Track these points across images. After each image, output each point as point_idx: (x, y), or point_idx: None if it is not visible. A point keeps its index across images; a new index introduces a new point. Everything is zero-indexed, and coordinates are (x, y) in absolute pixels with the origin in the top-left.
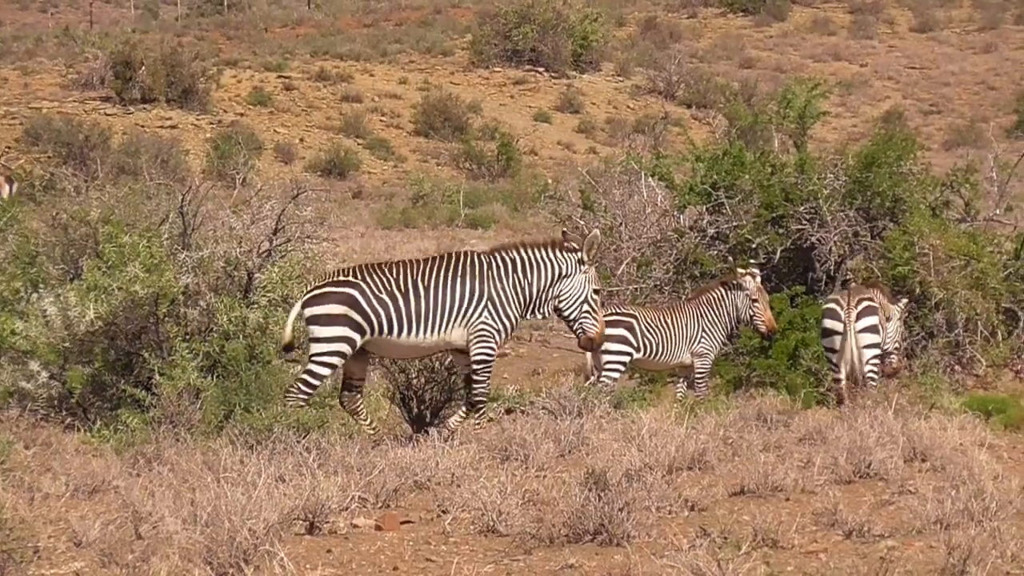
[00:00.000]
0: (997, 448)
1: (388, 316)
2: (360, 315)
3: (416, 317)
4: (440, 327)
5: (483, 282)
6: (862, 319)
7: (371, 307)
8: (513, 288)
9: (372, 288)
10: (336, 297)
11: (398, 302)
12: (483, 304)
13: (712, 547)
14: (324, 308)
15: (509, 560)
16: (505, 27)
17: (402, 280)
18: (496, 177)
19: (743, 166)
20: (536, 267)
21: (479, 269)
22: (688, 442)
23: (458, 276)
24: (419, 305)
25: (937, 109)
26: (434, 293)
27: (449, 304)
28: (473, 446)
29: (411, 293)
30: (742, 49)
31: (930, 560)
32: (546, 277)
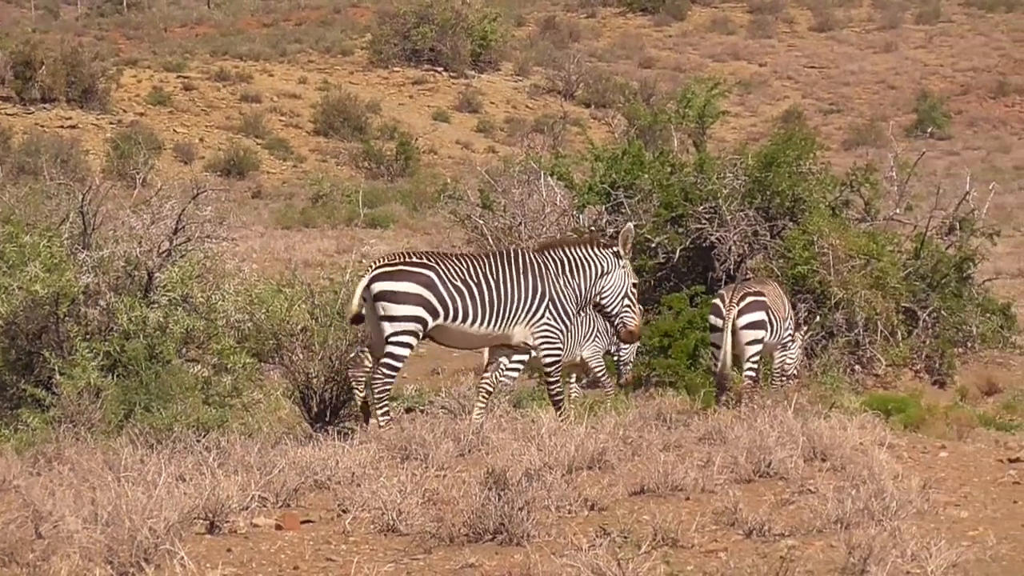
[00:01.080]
0: (897, 447)
1: (463, 304)
2: (436, 298)
3: (486, 309)
4: (506, 321)
5: (543, 280)
6: (744, 315)
7: (447, 292)
8: (566, 287)
9: (448, 274)
10: (413, 276)
11: (472, 291)
12: (545, 303)
13: (612, 546)
14: (399, 285)
15: (409, 559)
16: (404, 27)
17: (473, 271)
18: (395, 177)
19: (642, 166)
20: (580, 266)
21: (538, 268)
22: (588, 441)
23: (522, 273)
24: (490, 297)
25: (837, 108)
26: (504, 287)
27: (517, 300)
28: (373, 445)
29: (483, 285)
30: (641, 48)
31: (830, 559)
32: (590, 275)
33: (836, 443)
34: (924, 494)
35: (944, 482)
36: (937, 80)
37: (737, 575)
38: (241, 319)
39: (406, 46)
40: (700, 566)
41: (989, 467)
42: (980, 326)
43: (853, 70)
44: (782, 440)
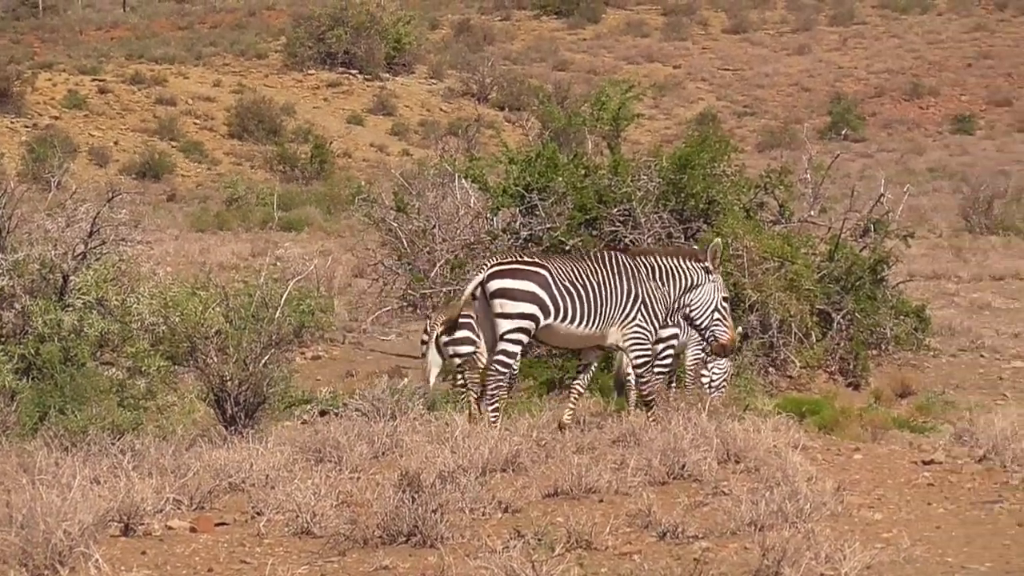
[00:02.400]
0: (811, 450)
1: (572, 304)
2: (549, 297)
3: (589, 310)
4: (604, 322)
5: (638, 284)
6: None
7: (559, 292)
8: (656, 292)
9: (558, 274)
10: (530, 275)
11: (579, 292)
12: (638, 305)
13: (526, 548)
14: (517, 283)
15: (324, 561)
16: (319, 30)
17: (577, 272)
18: (310, 180)
19: (556, 168)
20: (671, 275)
21: (633, 271)
22: (501, 444)
23: (619, 276)
24: (593, 299)
25: (751, 111)
26: (604, 289)
27: (614, 301)
28: (287, 448)
29: (588, 286)
30: (556, 51)
31: (744, 561)
32: (678, 286)
33: (750, 445)
34: (838, 496)
35: (858, 484)
36: (851, 82)
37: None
38: (156, 322)
39: (321, 49)
40: (614, 568)
41: (903, 469)
42: (894, 328)
43: (767, 72)
44: (696, 442)
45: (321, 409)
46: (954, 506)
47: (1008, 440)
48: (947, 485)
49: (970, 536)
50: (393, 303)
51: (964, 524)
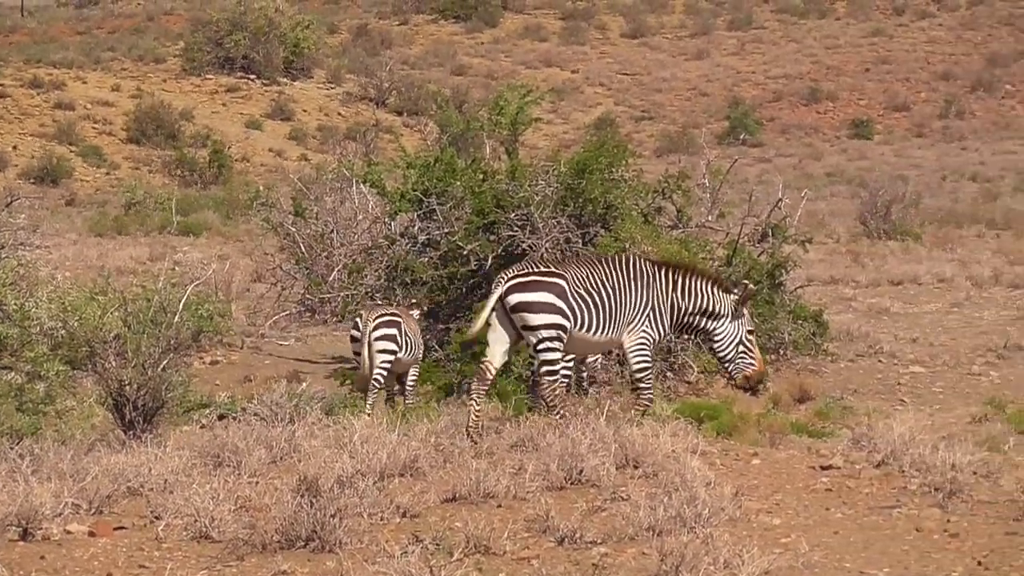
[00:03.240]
0: (709, 454)
1: (588, 313)
2: (567, 306)
3: (605, 318)
4: (617, 329)
5: (650, 291)
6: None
7: (575, 301)
8: (668, 303)
9: (574, 282)
10: (547, 286)
11: (594, 300)
12: (646, 312)
13: (424, 553)
14: (535, 296)
15: (222, 566)
16: (217, 34)
17: (593, 279)
18: (208, 184)
19: (454, 173)
20: (692, 294)
21: (649, 278)
22: (400, 449)
23: (632, 281)
24: (607, 306)
25: (649, 115)
26: (616, 295)
27: (625, 308)
28: (186, 452)
29: (603, 293)
30: (454, 56)
31: (643, 567)
32: (697, 306)
33: (648, 450)
34: (736, 501)
35: (756, 489)
36: (749, 87)
37: None
38: (54, 326)
39: (219, 53)
40: (512, 573)
41: (801, 474)
42: (792, 333)
43: (665, 77)
44: (594, 447)
45: (220, 414)
46: (852, 511)
47: (906, 445)
48: (845, 490)
49: (868, 541)
50: (291, 308)
51: (862, 529)
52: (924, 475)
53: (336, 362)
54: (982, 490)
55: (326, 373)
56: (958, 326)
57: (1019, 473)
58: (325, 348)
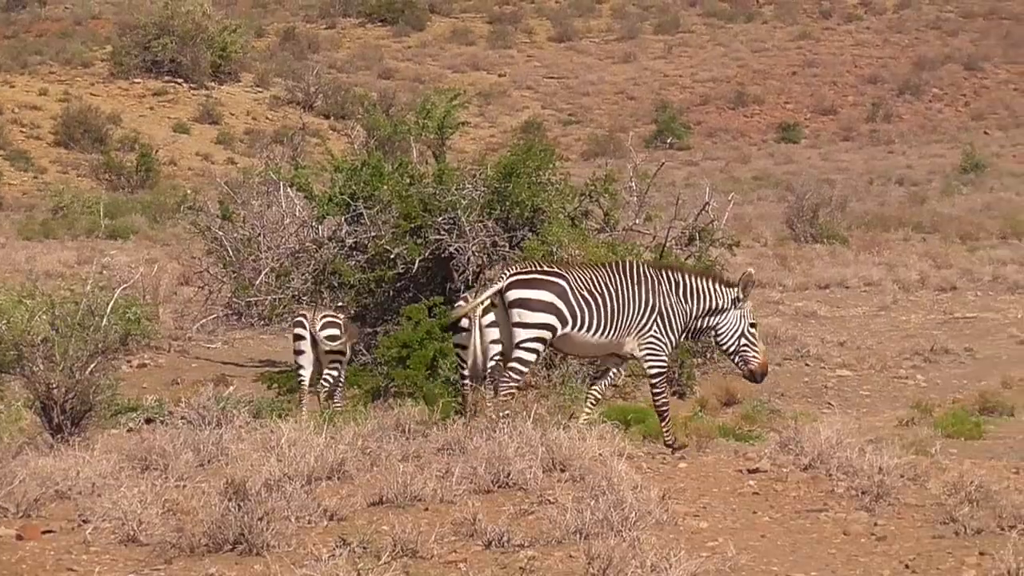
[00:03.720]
0: (636, 458)
1: (588, 314)
2: (566, 307)
3: (605, 319)
4: (618, 331)
5: (656, 295)
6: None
7: (576, 301)
8: (676, 306)
9: (576, 283)
10: (548, 285)
11: (597, 301)
12: (654, 316)
13: (352, 557)
14: (535, 293)
15: (150, 569)
16: (145, 38)
17: (596, 281)
18: (136, 188)
19: (382, 177)
20: (695, 294)
21: (652, 282)
22: (327, 452)
23: (637, 285)
24: (608, 308)
25: (576, 119)
26: (618, 298)
27: (628, 311)
28: (113, 456)
29: (605, 295)
30: (381, 59)
31: (570, 570)
32: (700, 306)
33: (575, 454)
34: (663, 505)
35: (683, 493)
36: (676, 91)
37: None
38: None
39: (147, 57)
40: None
41: (728, 478)
42: None
43: (592, 80)
44: (521, 451)
45: (147, 417)
46: (779, 515)
47: (833, 449)
48: (772, 494)
49: (796, 545)
50: (219, 311)
51: (789, 533)
52: (851, 479)
53: (263, 365)
54: (909, 494)
55: (253, 376)
56: (885, 330)
57: (946, 476)
58: (252, 351)
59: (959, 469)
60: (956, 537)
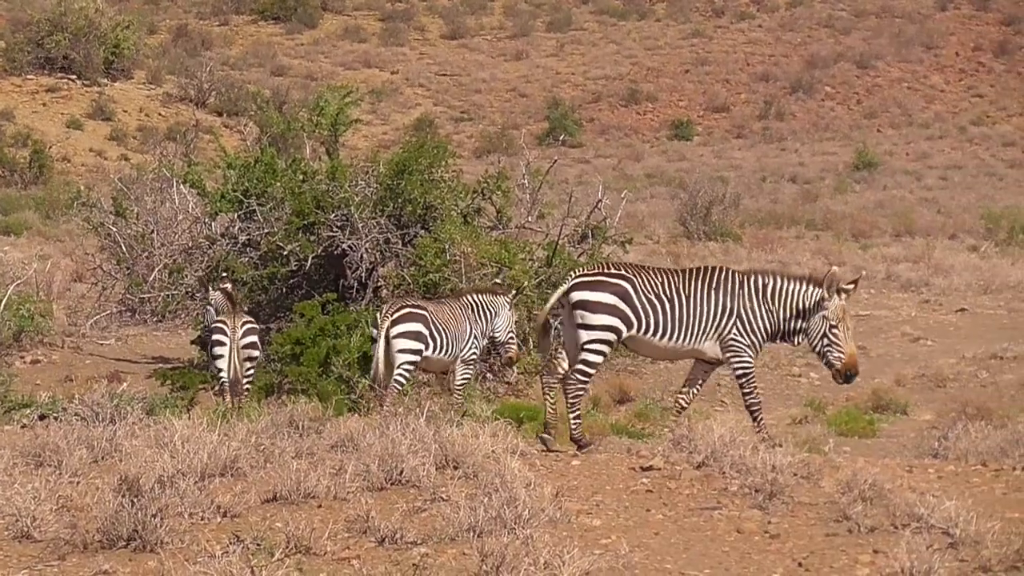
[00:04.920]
0: (529, 455)
1: (655, 317)
2: (631, 310)
3: (675, 323)
4: (693, 336)
5: (733, 299)
6: (398, 325)
7: (641, 304)
8: (758, 309)
9: (643, 286)
10: (611, 287)
11: (664, 306)
12: (732, 320)
13: (245, 553)
14: (597, 295)
15: (44, 566)
16: (38, 35)
17: (666, 285)
18: (28, 184)
19: (274, 173)
20: (780, 296)
21: (731, 286)
22: (220, 448)
23: (713, 290)
24: (679, 312)
25: (468, 116)
26: (692, 303)
27: (704, 316)
28: (7, 452)
29: (675, 300)
30: (273, 57)
31: (463, 567)
32: (789, 308)
33: (468, 451)
34: (556, 502)
35: (577, 490)
36: (568, 88)
37: None
38: None
39: (39, 54)
40: (333, 573)
41: (622, 475)
42: None
43: (484, 78)
44: (414, 448)
45: (40, 413)
46: (673, 512)
47: (726, 447)
48: (665, 491)
49: (689, 542)
50: (112, 307)
51: (682, 530)
52: (744, 476)
53: (156, 362)
54: (802, 491)
55: (147, 373)
56: None
57: (839, 475)
58: (145, 348)
59: (852, 467)
60: (849, 535)
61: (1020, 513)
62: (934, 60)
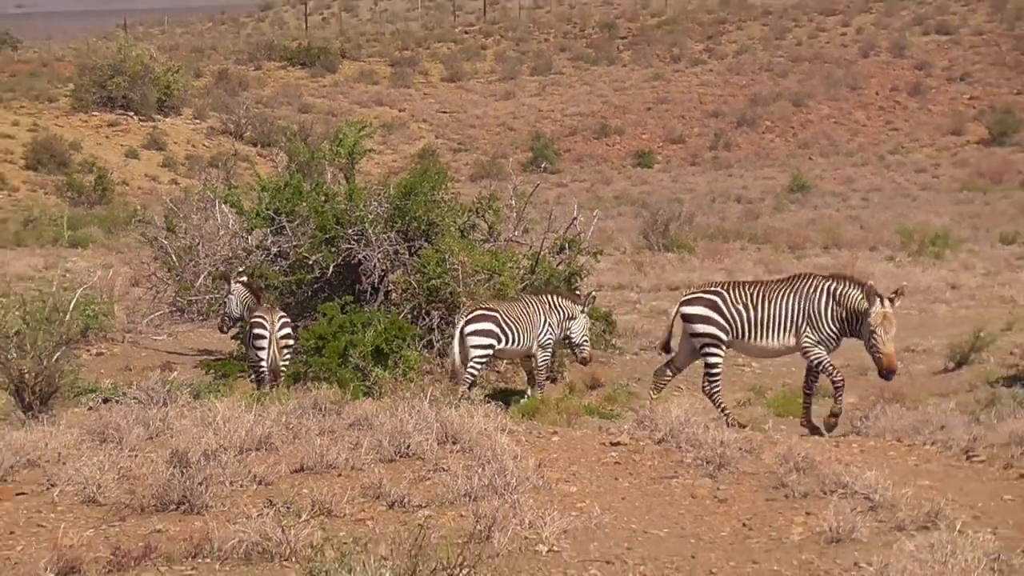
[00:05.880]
0: (516, 433)
1: (742, 323)
2: (722, 318)
3: (760, 326)
4: (776, 336)
5: (808, 301)
6: (471, 324)
7: (730, 313)
8: (826, 310)
9: (731, 298)
10: (704, 302)
11: (749, 312)
12: (804, 320)
13: (277, 515)
14: (693, 309)
15: (107, 526)
16: (101, 78)
17: (753, 295)
18: (93, 204)
19: (301, 195)
20: (843, 299)
21: (806, 292)
22: (256, 427)
23: (791, 295)
24: (762, 317)
25: (464, 147)
26: (772, 307)
27: (779, 318)
28: (76, 430)
29: (759, 306)
30: (300, 96)
31: (460, 527)
32: (848, 309)
33: (465, 429)
34: (539, 472)
35: (556, 462)
36: (549, 123)
37: (382, 540)
38: None
39: (103, 94)
40: (351, 532)
41: (594, 450)
42: None
43: (478, 114)
44: (419, 426)
45: (104, 397)
46: (637, 481)
47: (682, 425)
48: (631, 463)
49: (651, 506)
50: (164, 308)
51: (645, 496)
52: (697, 450)
53: (202, 354)
54: (746, 463)
55: (194, 363)
56: None
57: (777, 449)
58: (192, 342)
59: (788, 443)
60: (786, 500)
61: (930, 481)
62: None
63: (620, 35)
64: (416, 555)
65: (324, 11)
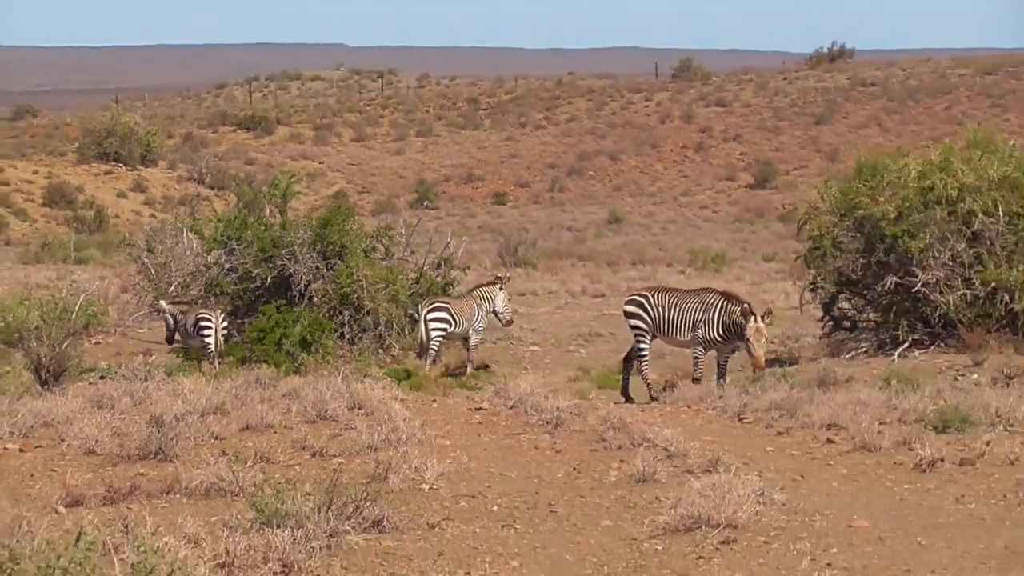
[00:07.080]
0: (406, 401)
1: (660, 319)
2: (646, 314)
3: (671, 323)
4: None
5: (704, 310)
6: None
7: (652, 311)
8: (717, 319)
9: (654, 300)
10: (635, 301)
11: (665, 312)
12: (700, 322)
13: (229, 462)
14: (628, 306)
15: (102, 470)
16: (99, 138)
17: (670, 299)
18: (93, 232)
19: (247, 225)
20: (730, 313)
21: (707, 302)
22: (213, 396)
23: (695, 303)
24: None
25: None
26: (680, 309)
27: (685, 318)
28: (80, 399)
29: (673, 307)
30: (246, 152)
31: (365, 471)
32: (732, 320)
33: (368, 398)
34: (423, 430)
35: (435, 423)
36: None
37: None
38: None
39: (100, 150)
40: (284, 475)
41: (463, 414)
42: None
43: (378, 166)
44: (334, 396)
45: (100, 375)
46: (495, 436)
47: (528, 396)
48: (490, 423)
49: (505, 455)
50: (145, 309)
51: (500, 448)
52: (540, 414)
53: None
54: (576, 423)
55: (167, 350)
56: (561, 321)
57: (599, 413)
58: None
59: (607, 409)
60: (606, 451)
61: (712, 437)
62: (657, 154)
63: (482, 107)
64: (332, 491)
65: (264, 89)
